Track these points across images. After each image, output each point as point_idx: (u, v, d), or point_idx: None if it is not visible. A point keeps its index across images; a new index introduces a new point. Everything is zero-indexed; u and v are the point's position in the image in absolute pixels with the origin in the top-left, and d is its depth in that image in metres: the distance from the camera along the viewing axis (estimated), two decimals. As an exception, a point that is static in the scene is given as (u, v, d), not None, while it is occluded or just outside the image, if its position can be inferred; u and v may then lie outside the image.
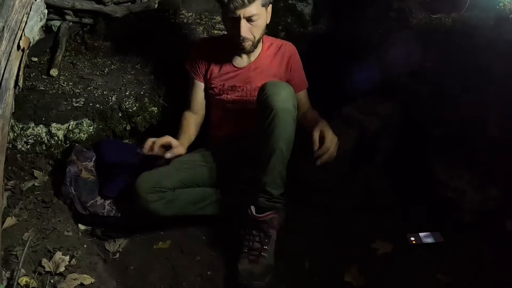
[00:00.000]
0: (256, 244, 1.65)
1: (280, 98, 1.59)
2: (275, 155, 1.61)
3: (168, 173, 1.75)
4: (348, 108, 2.10)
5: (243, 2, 1.63)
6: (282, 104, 1.58)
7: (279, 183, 1.66)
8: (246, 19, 1.68)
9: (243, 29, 1.69)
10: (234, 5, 1.64)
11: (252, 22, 1.70)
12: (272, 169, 1.63)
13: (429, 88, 1.91)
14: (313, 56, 2.03)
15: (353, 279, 1.60)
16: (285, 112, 1.59)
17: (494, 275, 1.52)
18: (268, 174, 1.64)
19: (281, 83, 1.67)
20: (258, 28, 1.73)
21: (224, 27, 2.26)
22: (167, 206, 1.72)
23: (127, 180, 1.79)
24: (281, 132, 1.59)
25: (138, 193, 1.68)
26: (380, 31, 2.14)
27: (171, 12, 2.30)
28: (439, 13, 1.89)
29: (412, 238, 1.70)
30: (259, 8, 1.69)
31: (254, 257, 1.64)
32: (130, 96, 2.11)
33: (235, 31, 1.71)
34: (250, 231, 1.67)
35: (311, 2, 2.43)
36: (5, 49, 1.41)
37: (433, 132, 1.90)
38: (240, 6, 1.64)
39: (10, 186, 1.84)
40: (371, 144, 2.00)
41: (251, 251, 1.65)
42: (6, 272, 1.42)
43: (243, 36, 1.71)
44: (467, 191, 1.75)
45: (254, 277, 1.60)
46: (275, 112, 1.58)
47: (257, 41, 1.77)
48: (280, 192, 1.67)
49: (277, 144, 1.60)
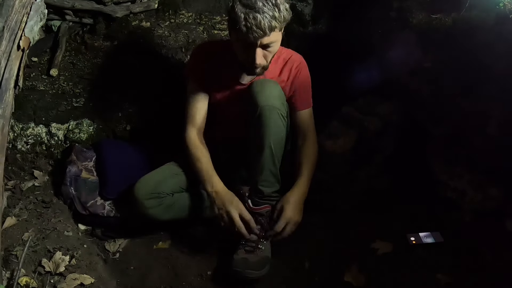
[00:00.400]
0: (253, 236, 1.66)
1: (265, 95, 1.57)
2: (264, 154, 1.60)
3: (166, 178, 1.75)
4: (348, 108, 2.10)
5: (264, 33, 1.48)
6: (268, 101, 1.56)
7: (272, 181, 1.65)
8: (262, 46, 1.54)
9: (258, 57, 1.55)
10: (254, 35, 1.48)
11: (268, 49, 1.57)
12: (262, 167, 1.62)
13: (429, 88, 1.91)
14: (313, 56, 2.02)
15: (353, 279, 1.60)
16: (271, 109, 1.56)
17: (494, 275, 1.51)
18: (259, 173, 1.63)
19: (267, 81, 1.64)
20: (271, 54, 1.61)
21: (224, 27, 2.28)
22: (165, 211, 1.72)
23: (127, 182, 1.79)
24: (268, 129, 1.58)
25: (137, 199, 1.68)
26: (380, 31, 2.13)
27: (171, 12, 2.30)
28: (439, 13, 1.88)
29: (412, 238, 1.70)
30: (278, 35, 1.55)
31: (250, 248, 1.64)
32: (130, 96, 2.11)
33: (248, 57, 1.57)
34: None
35: (311, 2, 2.43)
36: (5, 49, 1.41)
37: (433, 132, 1.90)
38: (260, 36, 1.49)
39: (10, 186, 1.84)
40: (371, 144, 2.00)
41: (248, 242, 1.65)
42: (6, 272, 1.42)
43: (257, 64, 1.57)
44: (467, 191, 1.75)
45: (249, 265, 1.60)
46: (260, 110, 1.56)
47: (268, 64, 1.64)
48: (274, 189, 1.67)
49: (265, 142, 1.59)
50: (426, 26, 1.91)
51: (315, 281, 1.64)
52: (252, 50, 1.54)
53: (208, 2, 2.36)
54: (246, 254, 1.64)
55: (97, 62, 2.21)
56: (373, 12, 2.20)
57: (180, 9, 2.32)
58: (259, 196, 1.66)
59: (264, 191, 1.65)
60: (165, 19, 2.29)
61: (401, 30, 2.00)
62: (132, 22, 2.26)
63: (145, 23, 2.27)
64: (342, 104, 2.14)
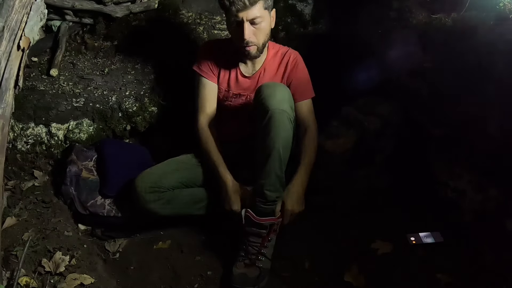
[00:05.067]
0: (253, 249, 1.64)
1: (276, 99, 1.59)
2: (272, 157, 1.60)
3: (167, 173, 1.75)
4: (348, 108, 2.10)
5: (245, 4, 1.62)
6: (278, 105, 1.58)
7: (277, 187, 1.64)
8: (249, 22, 1.66)
9: (246, 31, 1.66)
10: (236, 7, 1.62)
11: (256, 25, 1.68)
12: (269, 171, 1.61)
13: (429, 88, 1.91)
14: (313, 56, 2.03)
15: (353, 279, 1.60)
16: (281, 113, 1.58)
17: (494, 275, 1.52)
18: (265, 177, 1.62)
19: (277, 85, 1.68)
20: (262, 31, 1.70)
21: (224, 27, 2.28)
22: (165, 206, 1.72)
23: (127, 180, 1.79)
24: (277, 133, 1.59)
25: (137, 193, 1.69)
26: (380, 31, 2.14)
27: (171, 12, 2.30)
28: (439, 13, 1.89)
29: (412, 238, 1.70)
30: (262, 11, 1.67)
31: (250, 261, 1.64)
32: (130, 96, 2.11)
33: (239, 35, 1.69)
34: (248, 235, 1.65)
35: (311, 2, 2.43)
36: (5, 49, 1.41)
37: (433, 132, 1.90)
38: (242, 8, 1.62)
39: (10, 186, 1.84)
40: (371, 144, 2.00)
41: (248, 255, 1.65)
42: (6, 272, 1.42)
43: (247, 40, 1.68)
44: (467, 191, 1.75)
45: (248, 281, 1.60)
46: (271, 114, 1.58)
47: (262, 46, 1.74)
48: (277, 195, 1.66)
49: (274, 145, 1.59)
50: (426, 26, 1.91)
51: (315, 281, 1.64)
52: (241, 28, 1.66)
53: (208, 2, 2.36)
54: (245, 269, 1.63)
55: (97, 62, 2.21)
56: (373, 12, 2.20)
57: (180, 9, 2.32)
58: (263, 201, 1.64)
59: (268, 196, 1.64)
60: (165, 19, 2.29)
61: (401, 30, 2.01)
62: (132, 22, 2.26)
63: (145, 23, 2.27)
64: (342, 104, 2.14)
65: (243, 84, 1.85)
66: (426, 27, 1.91)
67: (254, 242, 1.65)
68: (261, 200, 1.64)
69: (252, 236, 1.65)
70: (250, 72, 1.84)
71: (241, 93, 1.85)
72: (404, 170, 1.92)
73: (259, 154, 1.64)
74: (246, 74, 1.84)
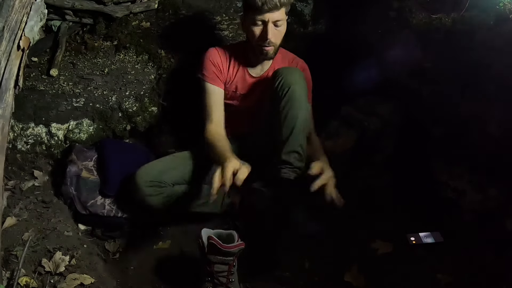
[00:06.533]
0: (222, 279, 1.54)
1: (295, 78, 1.67)
2: (296, 128, 1.62)
3: (168, 169, 1.76)
4: (348, 108, 2.10)
5: (276, 5, 1.66)
6: (299, 82, 1.66)
7: (302, 155, 1.64)
8: (273, 23, 1.70)
9: (270, 31, 1.70)
10: (268, 6, 1.65)
11: (277, 28, 1.72)
12: (294, 141, 1.62)
13: (429, 88, 1.91)
14: (313, 56, 2.03)
15: (353, 279, 1.60)
16: (302, 89, 1.65)
17: (494, 275, 1.52)
18: (290, 145, 1.62)
19: (295, 69, 1.76)
20: (281, 34, 1.75)
21: (224, 27, 2.28)
22: (164, 201, 1.72)
23: (127, 179, 1.78)
24: (299, 105, 1.63)
25: (137, 185, 1.69)
26: (380, 31, 2.14)
27: (171, 12, 2.30)
28: (439, 13, 1.89)
29: (412, 238, 1.70)
30: (284, 15, 1.72)
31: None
32: (130, 96, 2.11)
33: (261, 35, 1.72)
34: (212, 264, 1.52)
35: (311, 2, 2.43)
36: (5, 49, 1.40)
37: (433, 132, 1.90)
38: (272, 8, 1.66)
39: (10, 186, 1.83)
40: (371, 144, 2.00)
41: (216, 287, 1.54)
42: (6, 272, 1.41)
43: (269, 40, 1.71)
44: (467, 191, 1.75)
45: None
46: (293, 89, 1.63)
47: (278, 47, 1.79)
48: (300, 165, 1.64)
49: (298, 116, 1.62)
50: (426, 26, 1.91)
51: (315, 281, 1.64)
52: (265, 28, 1.71)
53: (208, 2, 2.36)
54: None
55: (97, 62, 2.21)
56: (373, 12, 2.20)
57: (180, 9, 2.32)
58: (290, 167, 1.62)
59: (293, 162, 1.63)
60: (165, 19, 2.29)
61: (401, 30, 2.01)
62: (132, 22, 2.26)
63: (145, 23, 2.27)
64: (342, 104, 2.14)
65: (250, 84, 1.87)
66: (426, 27, 1.91)
67: (220, 271, 1.53)
68: (287, 166, 1.63)
69: (217, 265, 1.52)
70: (258, 72, 1.88)
71: (248, 93, 1.88)
72: (404, 170, 1.92)
73: (280, 132, 1.65)
74: (254, 75, 1.87)
